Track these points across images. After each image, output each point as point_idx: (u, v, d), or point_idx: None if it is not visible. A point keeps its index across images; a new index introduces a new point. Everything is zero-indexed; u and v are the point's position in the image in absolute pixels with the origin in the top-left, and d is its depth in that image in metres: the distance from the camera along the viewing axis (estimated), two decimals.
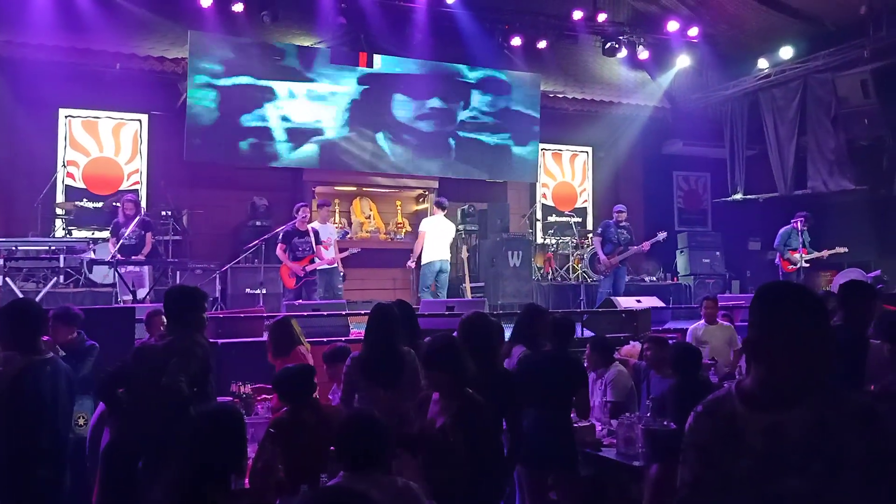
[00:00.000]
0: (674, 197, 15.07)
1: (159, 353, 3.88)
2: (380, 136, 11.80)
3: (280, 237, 9.19)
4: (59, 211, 10.43)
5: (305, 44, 11.60)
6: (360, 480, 2.84)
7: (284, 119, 11.26)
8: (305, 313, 7.45)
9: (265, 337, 7.13)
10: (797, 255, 10.37)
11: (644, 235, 11.51)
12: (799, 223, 10.38)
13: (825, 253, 10.42)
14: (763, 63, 12.78)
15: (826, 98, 11.76)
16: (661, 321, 9.17)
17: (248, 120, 11.06)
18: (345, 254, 9.84)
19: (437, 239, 9.88)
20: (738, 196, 13.67)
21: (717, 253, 13.28)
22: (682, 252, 13.29)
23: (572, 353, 4.87)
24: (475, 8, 11.83)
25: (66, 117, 11.03)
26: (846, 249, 10.49)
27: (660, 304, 9.48)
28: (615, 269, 10.51)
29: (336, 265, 9.71)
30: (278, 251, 9.17)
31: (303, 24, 11.49)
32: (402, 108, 11.96)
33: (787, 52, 12.36)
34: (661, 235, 10.94)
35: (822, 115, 11.90)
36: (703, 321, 7.53)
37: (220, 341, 6.64)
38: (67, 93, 10.77)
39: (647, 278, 12.80)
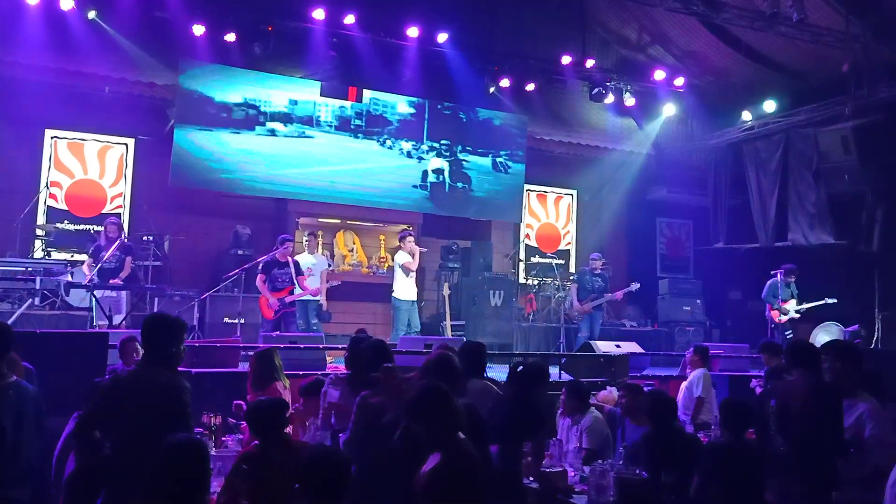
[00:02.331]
0: (657, 243, 15.10)
1: (142, 394, 3.66)
2: (366, 171, 11.83)
3: (260, 267, 9.15)
4: (39, 232, 10.33)
5: (296, 76, 11.67)
6: None
7: (271, 149, 11.29)
8: (283, 345, 7.36)
9: (240, 368, 7.09)
10: (788, 306, 10.45)
11: (626, 280, 11.55)
12: (779, 275, 10.48)
13: (804, 306, 10.53)
14: (747, 115, 12.99)
15: (808, 152, 11.92)
16: (640, 367, 9.14)
17: (235, 148, 11.07)
18: (325, 286, 9.78)
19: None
20: (720, 245, 13.76)
21: (698, 301, 13.30)
22: (663, 298, 13.33)
23: (539, 400, 4.81)
24: (465, 48, 11.96)
25: (52, 138, 10.98)
26: (836, 300, 10.58)
27: (639, 349, 9.45)
28: (590, 314, 10.70)
29: (318, 298, 9.59)
30: (258, 281, 9.13)
31: (294, 56, 11.52)
32: (389, 142, 12.02)
33: (770, 106, 12.57)
34: (634, 286, 11.27)
35: (803, 168, 12.06)
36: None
37: (193, 370, 6.55)
38: (55, 113, 10.72)
39: (627, 324, 12.80)
